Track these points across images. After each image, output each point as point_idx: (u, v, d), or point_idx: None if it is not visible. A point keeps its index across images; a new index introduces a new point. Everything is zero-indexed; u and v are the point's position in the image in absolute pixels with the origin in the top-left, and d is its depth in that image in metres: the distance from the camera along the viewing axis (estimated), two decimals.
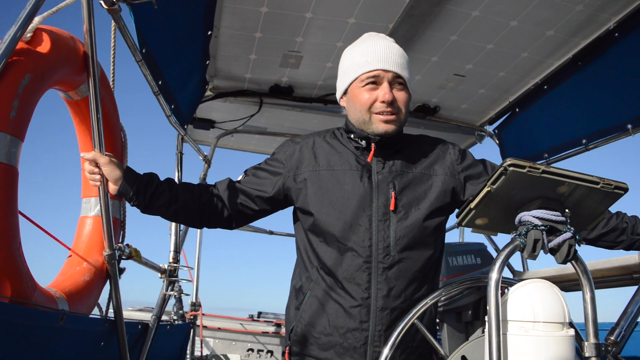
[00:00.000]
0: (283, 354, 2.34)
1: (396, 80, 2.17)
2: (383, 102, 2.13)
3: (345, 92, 2.28)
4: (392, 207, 2.13)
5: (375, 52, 2.18)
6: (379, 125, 2.16)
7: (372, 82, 2.16)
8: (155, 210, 2.22)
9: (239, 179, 2.34)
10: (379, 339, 2.07)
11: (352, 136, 2.25)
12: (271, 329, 6.10)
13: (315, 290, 2.19)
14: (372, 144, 2.20)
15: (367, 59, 2.17)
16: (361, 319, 2.08)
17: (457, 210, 1.89)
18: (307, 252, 2.26)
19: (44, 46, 2.17)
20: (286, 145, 2.36)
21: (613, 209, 1.90)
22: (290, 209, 2.39)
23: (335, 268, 2.13)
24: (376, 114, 2.15)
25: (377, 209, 2.13)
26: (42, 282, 2.30)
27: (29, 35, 2.12)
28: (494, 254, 4.35)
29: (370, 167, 2.21)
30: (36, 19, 2.11)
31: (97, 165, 2.18)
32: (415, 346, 2.13)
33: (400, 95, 2.17)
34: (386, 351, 1.90)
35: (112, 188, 2.18)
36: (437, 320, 4.06)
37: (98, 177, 2.21)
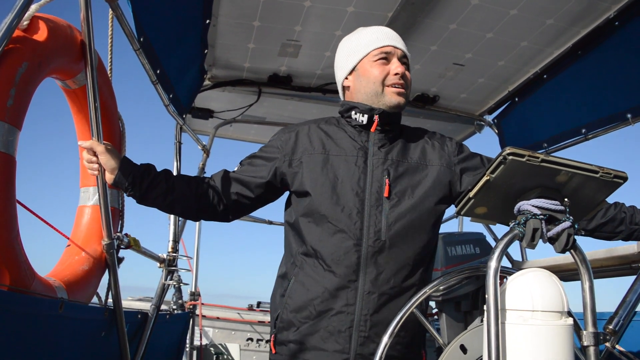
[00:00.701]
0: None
1: (402, 60, 2.26)
2: (396, 74, 2.21)
3: (351, 72, 2.31)
4: (385, 194, 2.14)
5: (384, 32, 2.30)
6: (392, 97, 2.22)
7: (384, 58, 2.24)
8: (151, 201, 2.22)
9: (234, 170, 2.34)
10: (364, 323, 2.07)
11: (352, 113, 2.26)
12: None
13: (299, 275, 2.18)
14: (375, 117, 2.22)
15: (378, 36, 2.28)
16: (347, 301, 2.08)
17: (456, 200, 1.89)
18: (295, 238, 2.26)
19: (41, 34, 2.16)
20: (281, 133, 2.37)
21: (612, 198, 1.90)
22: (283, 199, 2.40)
23: (324, 250, 2.13)
24: (389, 86, 2.22)
25: (370, 194, 2.14)
26: (40, 272, 2.31)
27: (25, 23, 2.10)
28: (492, 243, 4.35)
29: (366, 150, 2.21)
30: (33, 7, 2.09)
31: (95, 154, 2.18)
32: (403, 335, 2.12)
33: (407, 73, 2.27)
34: (385, 339, 1.90)
35: (109, 177, 2.18)
36: (436, 310, 4.08)
37: (96, 166, 2.21)
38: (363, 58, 2.27)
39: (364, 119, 2.23)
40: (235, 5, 3.38)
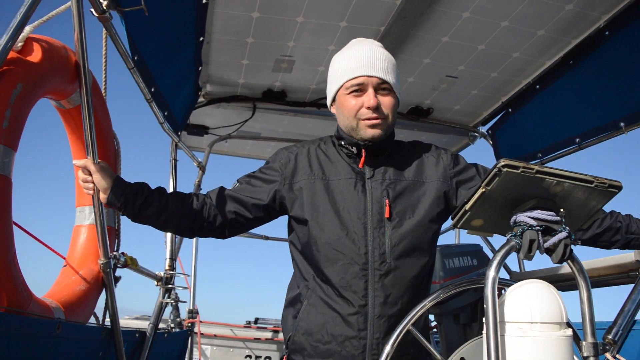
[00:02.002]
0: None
1: (381, 86, 2.16)
2: (368, 108, 2.13)
3: (333, 100, 2.27)
4: (387, 215, 2.13)
5: (359, 59, 2.17)
6: (366, 130, 2.16)
7: (357, 90, 2.15)
8: (144, 219, 2.21)
9: (231, 187, 2.33)
10: (377, 347, 2.05)
11: (342, 143, 2.25)
12: (269, 335, 6.08)
13: (312, 298, 2.18)
14: (363, 150, 2.20)
15: (351, 65, 2.17)
16: (359, 327, 2.07)
17: (453, 213, 1.89)
18: (302, 262, 2.25)
19: (35, 55, 2.17)
20: (280, 154, 2.34)
21: (607, 207, 1.90)
22: (285, 217, 2.39)
23: (332, 276, 2.12)
24: (362, 120, 2.16)
25: (371, 216, 2.13)
26: (37, 293, 2.30)
27: (20, 44, 2.12)
28: (490, 255, 4.35)
29: (363, 175, 2.21)
30: (27, 28, 2.10)
31: (90, 173, 2.18)
32: (411, 353, 2.11)
33: (386, 100, 2.16)
34: (388, 348, 1.88)
35: (102, 197, 2.17)
36: (435, 323, 4.07)
37: (91, 185, 2.20)
38: (339, 89, 2.21)
39: (353, 149, 2.23)
40: (229, 22, 3.40)
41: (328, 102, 2.33)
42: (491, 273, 1.57)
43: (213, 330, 5.96)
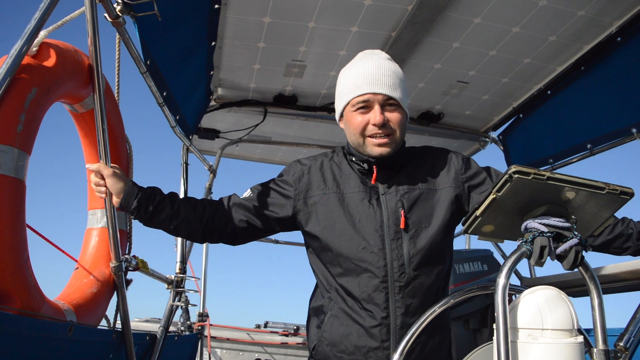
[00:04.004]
0: None
1: (387, 102, 2.15)
2: (374, 125, 2.13)
3: (341, 115, 2.28)
4: (402, 226, 2.13)
5: (365, 75, 2.16)
6: (373, 148, 2.17)
7: (363, 107, 2.15)
8: (156, 224, 2.23)
9: (244, 195, 2.34)
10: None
11: (353, 159, 2.26)
12: (278, 338, 6.08)
13: (334, 310, 2.19)
14: (374, 167, 2.21)
15: (357, 82, 2.16)
16: (382, 338, 2.09)
17: (463, 218, 1.89)
18: (324, 275, 2.26)
19: (50, 60, 2.19)
20: (294, 167, 2.35)
21: (619, 214, 1.89)
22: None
23: (353, 289, 2.14)
24: (369, 137, 2.17)
25: (388, 228, 2.14)
26: (50, 295, 2.31)
27: (34, 49, 2.14)
28: (500, 260, 4.34)
29: (377, 189, 2.22)
30: (41, 33, 2.13)
31: (102, 177, 2.20)
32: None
33: (393, 116, 2.16)
34: (396, 356, 1.88)
35: (115, 201, 2.20)
36: None
37: (104, 189, 2.23)
38: (345, 106, 2.21)
39: (364, 166, 2.23)
40: (240, 27, 3.42)
41: (336, 117, 2.33)
42: (502, 280, 1.57)
43: (223, 333, 5.98)
